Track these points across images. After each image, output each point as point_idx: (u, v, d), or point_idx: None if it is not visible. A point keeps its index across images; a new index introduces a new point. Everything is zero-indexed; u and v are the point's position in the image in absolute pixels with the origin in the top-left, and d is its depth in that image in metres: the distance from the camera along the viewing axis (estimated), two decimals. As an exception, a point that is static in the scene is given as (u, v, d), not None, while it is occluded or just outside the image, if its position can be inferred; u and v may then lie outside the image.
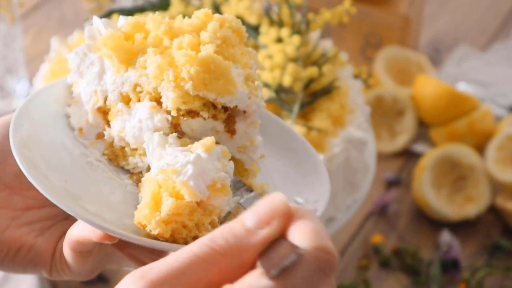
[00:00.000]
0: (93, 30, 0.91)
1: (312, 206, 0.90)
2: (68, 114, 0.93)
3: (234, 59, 0.88)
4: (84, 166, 0.89)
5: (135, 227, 0.84)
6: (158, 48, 0.87)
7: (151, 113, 0.87)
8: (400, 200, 1.66)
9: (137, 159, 0.90)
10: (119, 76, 0.88)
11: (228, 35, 0.88)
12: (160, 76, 0.85)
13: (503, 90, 1.87)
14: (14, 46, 1.73)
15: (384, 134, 1.77)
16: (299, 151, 0.96)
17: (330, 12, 1.47)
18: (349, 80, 1.47)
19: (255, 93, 0.87)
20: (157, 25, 0.88)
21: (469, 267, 1.55)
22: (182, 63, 0.84)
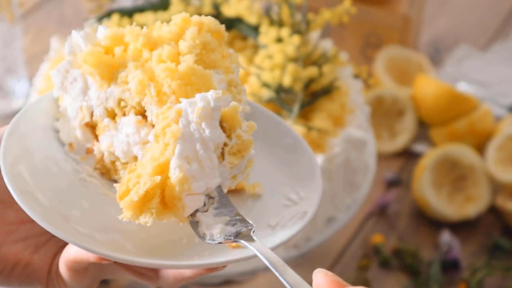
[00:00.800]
0: (73, 45, 0.90)
1: (305, 203, 0.90)
2: (57, 128, 0.92)
3: (215, 64, 0.88)
4: (77, 184, 0.88)
5: (130, 247, 0.83)
6: (138, 61, 0.87)
7: (137, 127, 0.87)
8: (400, 200, 1.66)
9: None
10: (103, 92, 0.88)
11: (207, 40, 0.88)
12: (142, 91, 0.85)
13: (503, 90, 1.87)
14: (14, 46, 1.73)
15: (384, 134, 1.77)
16: (292, 146, 0.96)
17: (330, 12, 1.47)
18: (349, 80, 1.47)
19: (238, 98, 0.87)
20: (135, 37, 0.87)
21: (469, 267, 1.55)
22: (162, 78, 0.84)
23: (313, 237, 1.38)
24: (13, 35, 1.72)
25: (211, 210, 0.85)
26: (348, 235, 1.59)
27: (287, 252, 1.37)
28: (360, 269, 1.54)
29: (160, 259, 0.82)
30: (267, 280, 1.51)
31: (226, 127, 0.84)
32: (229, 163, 0.84)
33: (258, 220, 0.88)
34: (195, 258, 0.83)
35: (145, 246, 0.84)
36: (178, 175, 0.81)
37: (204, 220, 0.84)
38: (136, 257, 0.82)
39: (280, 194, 0.91)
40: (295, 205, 0.90)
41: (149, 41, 0.87)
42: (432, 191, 1.61)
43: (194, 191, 0.83)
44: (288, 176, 0.93)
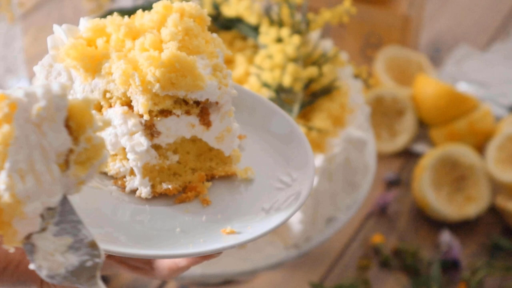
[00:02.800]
0: (55, 39, 0.90)
1: (299, 184, 0.89)
2: None
3: (199, 50, 0.88)
4: None
5: (124, 239, 0.84)
6: (121, 51, 0.87)
7: (124, 118, 0.87)
8: (400, 200, 1.66)
9: (119, 164, 0.89)
10: (88, 84, 0.88)
11: (189, 26, 0.87)
12: (127, 81, 0.85)
13: (503, 90, 1.87)
14: (14, 46, 1.73)
15: (384, 134, 1.77)
16: (283, 130, 0.96)
17: (330, 12, 1.47)
18: (349, 80, 1.47)
19: (224, 82, 0.87)
20: (117, 27, 0.87)
21: (469, 267, 1.55)
22: (146, 66, 0.84)
23: (313, 237, 1.38)
24: (13, 35, 1.72)
25: (51, 228, 0.73)
26: (348, 235, 1.59)
27: (287, 252, 1.37)
28: (360, 269, 1.54)
29: (155, 250, 0.82)
30: (267, 280, 1.51)
31: (73, 127, 0.74)
32: (74, 175, 0.74)
33: (251, 205, 0.89)
34: (189, 247, 0.83)
35: (139, 237, 0.84)
36: (7, 199, 0.68)
37: (41, 244, 0.72)
38: (131, 249, 0.82)
39: (272, 177, 0.91)
40: (288, 187, 0.90)
41: (131, 31, 0.87)
42: (432, 191, 1.61)
43: (28, 215, 0.70)
44: (280, 159, 0.93)
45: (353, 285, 1.50)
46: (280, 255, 1.37)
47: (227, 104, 0.88)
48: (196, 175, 0.91)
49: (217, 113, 0.88)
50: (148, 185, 0.89)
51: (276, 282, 1.51)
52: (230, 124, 0.90)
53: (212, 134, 0.89)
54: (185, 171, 0.91)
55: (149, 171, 0.89)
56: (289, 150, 0.94)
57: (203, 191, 0.90)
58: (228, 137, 0.90)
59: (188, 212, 0.88)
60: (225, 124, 0.89)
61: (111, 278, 1.49)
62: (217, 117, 0.88)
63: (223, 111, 0.88)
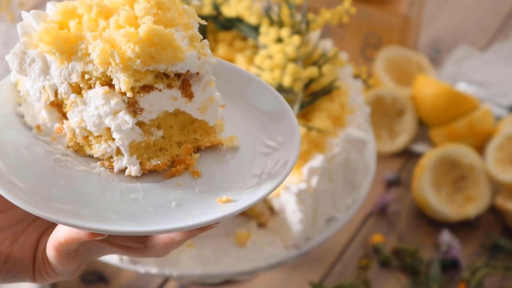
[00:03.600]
0: (25, 26, 0.89)
1: (286, 149, 0.89)
2: (21, 113, 0.91)
3: (173, 23, 0.87)
4: (53, 165, 0.88)
5: (116, 217, 0.83)
6: (95, 31, 0.86)
7: (106, 98, 0.86)
8: (400, 200, 1.66)
9: (104, 145, 0.89)
10: (64, 68, 0.87)
11: (161, 0, 0.87)
12: (106, 60, 0.84)
13: (503, 90, 1.87)
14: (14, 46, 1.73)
15: (384, 134, 1.77)
16: (264, 98, 0.95)
17: (330, 12, 1.47)
18: (349, 80, 1.47)
19: (203, 52, 0.87)
20: (88, 7, 0.87)
21: (469, 267, 1.55)
22: (125, 43, 0.84)
23: (313, 237, 1.38)
24: (13, 35, 1.72)
25: None
26: (348, 235, 1.59)
27: (287, 252, 1.37)
28: (360, 269, 1.54)
29: (154, 226, 0.82)
30: (267, 280, 1.51)
31: None
32: None
33: (242, 172, 0.88)
34: (188, 219, 0.83)
35: (136, 215, 0.84)
36: None
37: None
38: (129, 227, 0.81)
39: (257, 143, 0.91)
40: (275, 151, 0.90)
41: (103, 10, 0.86)
42: (432, 191, 1.61)
43: None
44: (262, 126, 0.93)
45: (353, 285, 1.50)
46: (280, 255, 1.37)
47: (208, 74, 0.88)
48: (183, 148, 0.90)
49: (198, 84, 0.88)
50: (136, 163, 0.88)
51: (276, 282, 1.51)
52: (212, 94, 0.89)
53: (195, 106, 0.89)
54: (171, 145, 0.91)
55: (135, 148, 0.88)
56: (271, 118, 0.93)
57: (192, 163, 0.90)
58: (211, 107, 0.90)
59: (180, 186, 0.88)
60: (207, 94, 0.89)
61: (111, 278, 1.49)
62: (198, 88, 0.88)
63: (204, 81, 0.88)
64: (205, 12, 1.47)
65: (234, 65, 0.98)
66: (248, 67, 1.44)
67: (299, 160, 1.35)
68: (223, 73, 0.96)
